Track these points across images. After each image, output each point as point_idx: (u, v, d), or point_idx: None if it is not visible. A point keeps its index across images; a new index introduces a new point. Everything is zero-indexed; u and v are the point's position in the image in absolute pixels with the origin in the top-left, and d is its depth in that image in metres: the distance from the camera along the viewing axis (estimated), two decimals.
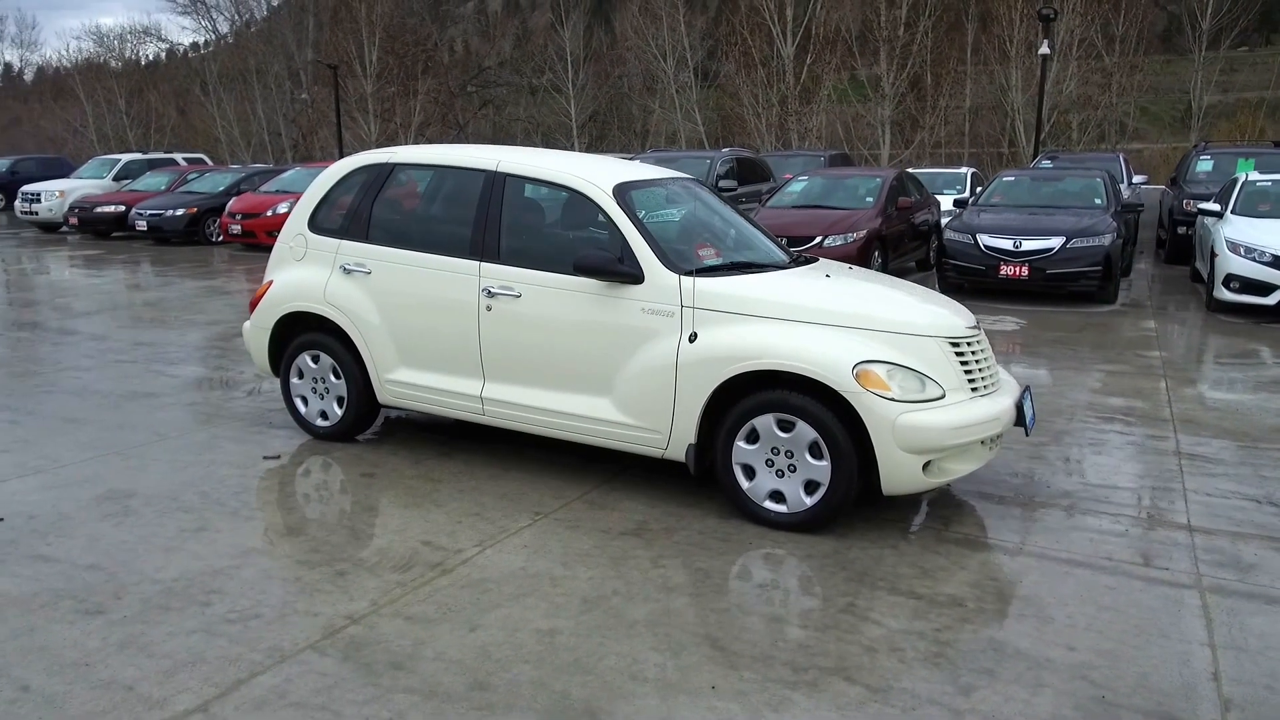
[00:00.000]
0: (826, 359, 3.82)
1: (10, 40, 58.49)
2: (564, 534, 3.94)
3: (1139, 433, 5.52)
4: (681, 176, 5.30)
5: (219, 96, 38.77)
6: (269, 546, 3.76)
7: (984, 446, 4.12)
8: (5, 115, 46.67)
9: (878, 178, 12.15)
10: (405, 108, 33.78)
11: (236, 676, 2.80)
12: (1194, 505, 4.37)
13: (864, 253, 10.74)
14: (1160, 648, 3.06)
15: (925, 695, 2.76)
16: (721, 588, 3.46)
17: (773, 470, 4.00)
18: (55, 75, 49.85)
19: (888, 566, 3.67)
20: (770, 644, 3.05)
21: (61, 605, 3.23)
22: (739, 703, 2.71)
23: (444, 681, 2.79)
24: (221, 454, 4.93)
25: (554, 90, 37.61)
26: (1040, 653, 3.02)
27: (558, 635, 3.08)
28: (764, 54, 29.71)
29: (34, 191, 18.10)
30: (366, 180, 5.05)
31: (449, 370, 4.71)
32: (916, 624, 3.20)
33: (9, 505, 4.15)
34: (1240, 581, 3.56)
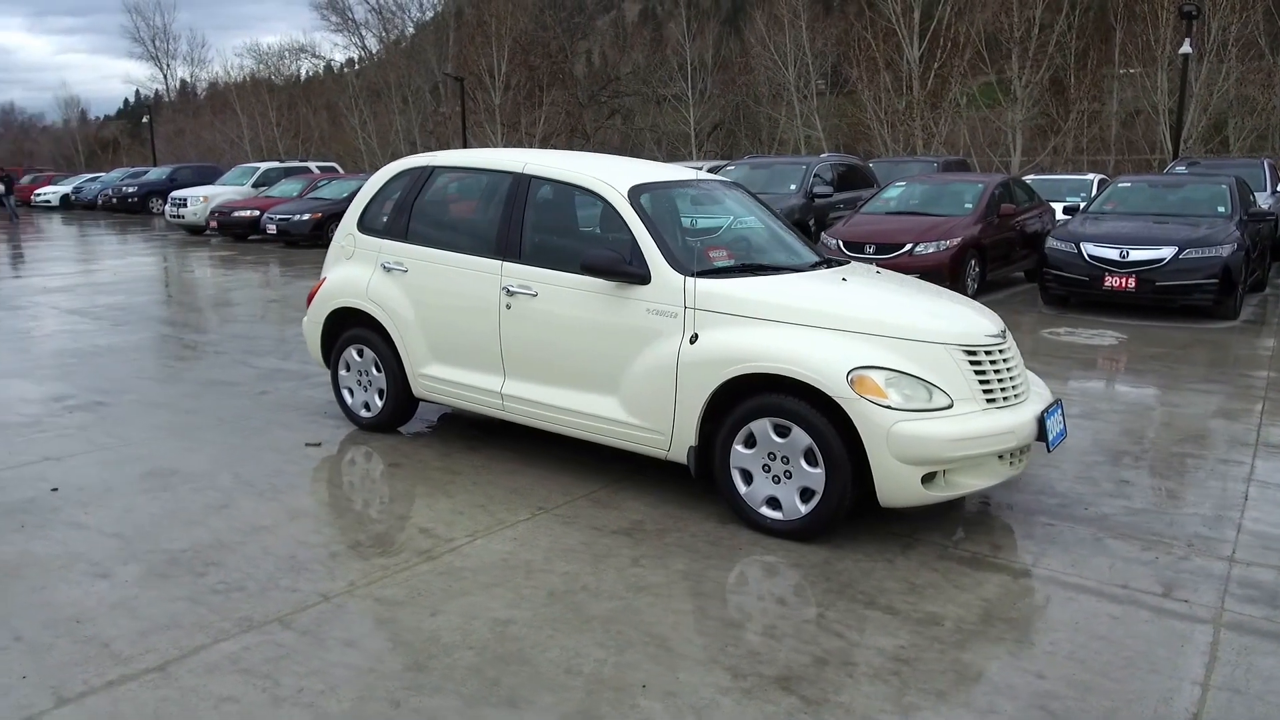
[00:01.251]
0: (821, 363, 3.72)
1: (182, 58, 63.70)
2: (557, 529, 3.99)
3: (1213, 457, 5.09)
4: (710, 178, 5.27)
5: (360, 109, 41.00)
6: (277, 526, 3.97)
7: (1002, 461, 3.91)
8: (171, 127, 51.02)
9: (980, 184, 11.65)
10: (530, 118, 34.75)
11: (201, 642, 2.98)
12: (1246, 536, 4.00)
13: (958, 261, 10.34)
14: (1144, 683, 2.83)
15: (860, 711, 2.65)
16: (692, 590, 3.42)
17: (769, 476, 3.92)
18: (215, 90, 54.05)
19: (874, 580, 3.53)
20: (720, 648, 2.99)
21: (76, 568, 3.52)
22: (663, 703, 2.68)
23: (386, 660, 2.88)
24: (269, 439, 5.23)
25: (675, 100, 37.82)
26: (1004, 679, 2.84)
27: (511, 625, 3.12)
28: (889, 58, 28.97)
29: (181, 197, 19.68)
30: (409, 183, 5.26)
31: (473, 366, 4.84)
32: (881, 640, 3.07)
33: (69, 477, 4.54)
34: (1268, 620, 3.24)
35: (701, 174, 5.38)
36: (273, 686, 2.73)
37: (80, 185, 32.90)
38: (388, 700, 2.67)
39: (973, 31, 26.93)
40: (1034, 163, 27.04)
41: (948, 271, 10.28)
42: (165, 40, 62.61)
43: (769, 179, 13.30)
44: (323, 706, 2.63)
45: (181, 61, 63.58)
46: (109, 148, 62.08)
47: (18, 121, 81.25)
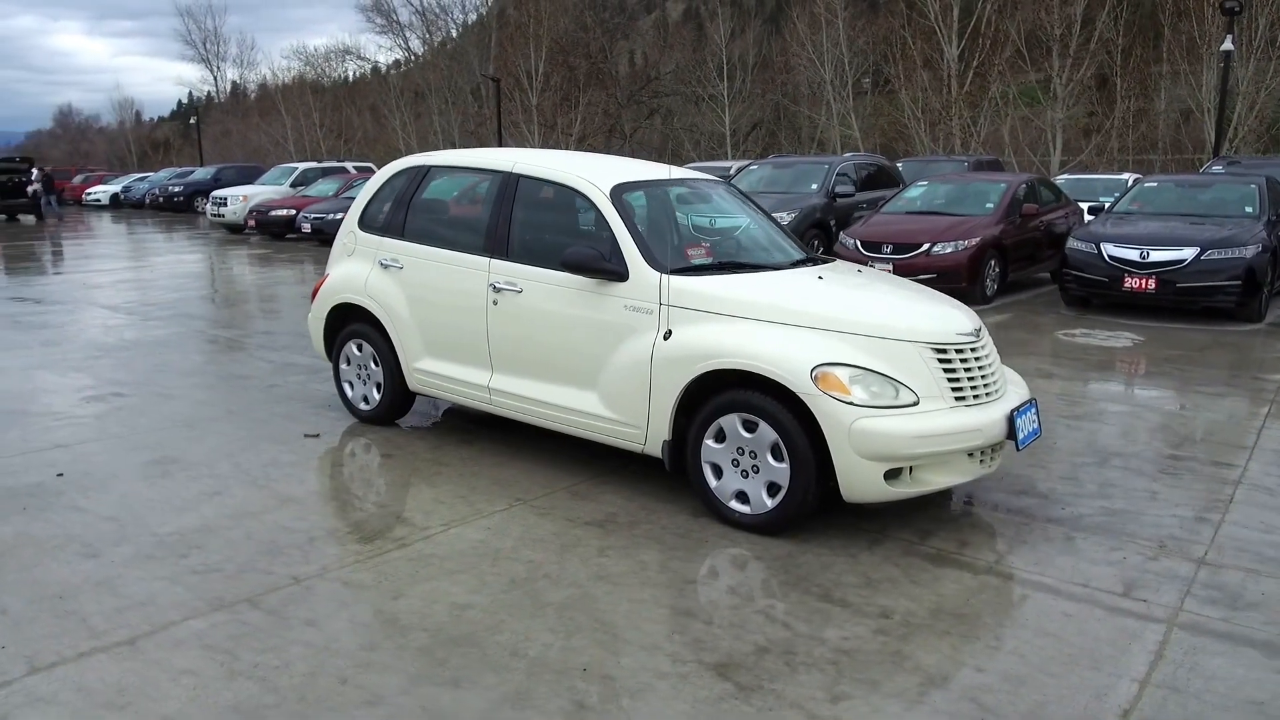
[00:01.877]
0: (786, 360, 3.77)
1: (232, 60, 65.28)
2: (531, 520, 4.09)
3: (1207, 459, 5.04)
4: (701, 178, 5.33)
5: (400, 110, 41.62)
6: (264, 512, 4.12)
7: (972, 459, 3.94)
8: (218, 128, 52.28)
9: (1002, 184, 11.54)
10: (567, 119, 35.00)
11: (172, 619, 3.13)
12: (1223, 537, 3.97)
13: (976, 262, 10.27)
14: (1081, 679, 2.85)
15: (791, 699, 2.71)
16: (651, 580, 3.50)
17: (738, 470, 3.98)
18: (262, 92, 55.26)
19: (833, 574, 3.58)
20: (666, 636, 3.07)
21: (69, 548, 3.70)
22: (601, 686, 2.76)
23: (341, 640, 3.01)
24: (271, 430, 5.41)
25: (712, 100, 37.82)
26: (941, 671, 2.88)
27: (468, 610, 3.23)
28: (928, 57, 28.67)
29: (221, 196, 20.21)
30: (406, 182, 5.41)
31: (463, 361, 4.97)
32: (827, 631, 3.12)
33: (78, 463, 4.76)
34: (1224, 621, 3.23)
35: (691, 174, 5.45)
36: (230, 661, 2.87)
37: (129, 185, 33.87)
38: (336, 677, 2.79)
39: (1012, 29, 26.53)
40: (1074, 162, 26.56)
41: (966, 272, 10.22)
42: (216, 43, 64.18)
43: (791, 178, 13.30)
44: (273, 681, 2.76)
45: (231, 64, 65.14)
46: (160, 148, 63.83)
47: (75, 122, 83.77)
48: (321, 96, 47.69)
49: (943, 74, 28.40)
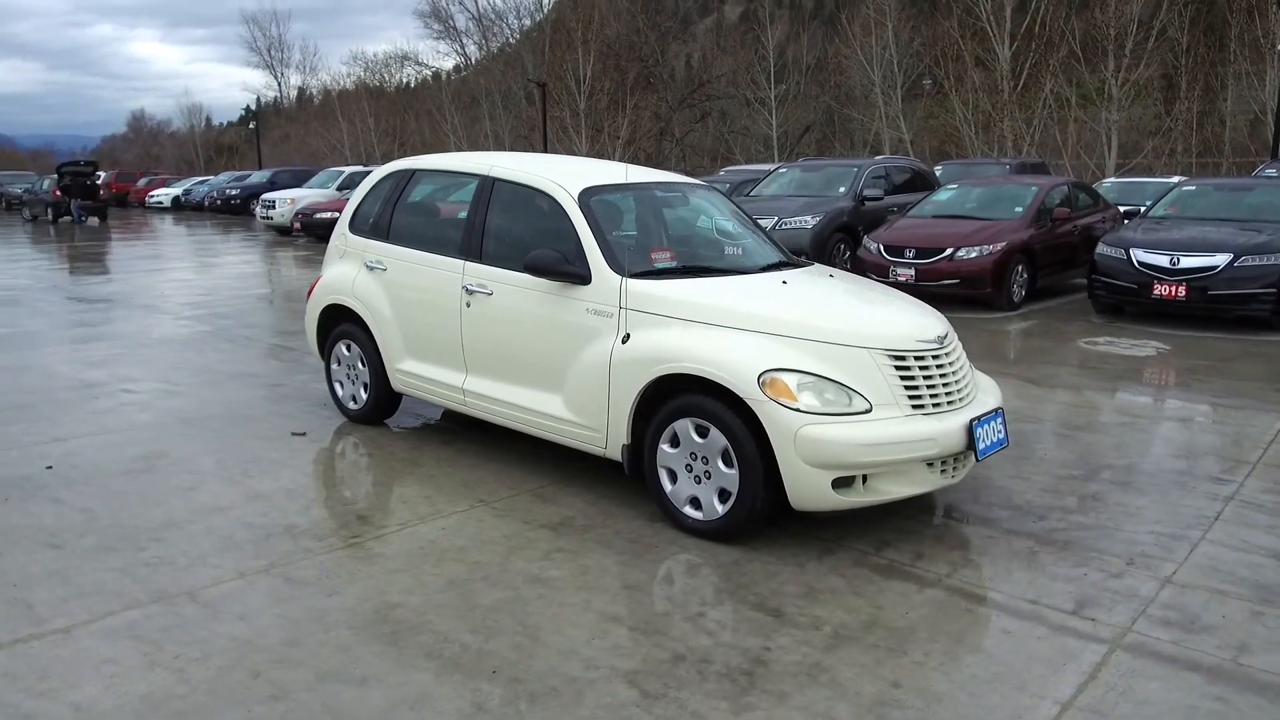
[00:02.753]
0: (735, 365, 3.74)
1: (295, 66, 67.02)
2: (489, 521, 4.11)
3: (1203, 474, 4.85)
4: (682, 181, 5.31)
5: (452, 115, 42.24)
6: (231, 508, 4.22)
7: (931, 469, 3.85)
8: (278, 133, 53.68)
9: (1033, 187, 11.25)
10: (614, 123, 35.14)
11: (112, 609, 3.22)
12: (1198, 556, 3.81)
13: (1002, 267, 10.03)
14: (1001, 698, 2.76)
15: (694, 708, 2.68)
16: (589, 585, 3.49)
17: (692, 476, 3.95)
18: (323, 97, 56.64)
19: (775, 583, 3.53)
20: (586, 641, 3.06)
21: (38, 539, 3.83)
22: (505, 689, 2.76)
23: (267, 634, 3.06)
24: (262, 428, 5.53)
25: (759, 103, 37.61)
26: (856, 685, 2.81)
27: (398, 609, 3.26)
28: (980, 58, 28.11)
29: (271, 199, 20.76)
30: (392, 186, 5.49)
31: (440, 362, 5.02)
32: (750, 640, 3.08)
33: (71, 457, 4.92)
34: (1174, 644, 3.10)
35: (675, 178, 5.43)
36: (154, 652, 2.94)
37: (190, 188, 34.96)
38: (250, 671, 2.84)
39: (1067, 29, 25.85)
40: (1129, 165, 25.76)
41: (990, 277, 9.99)
42: (280, 50, 66.01)
43: (819, 182, 13.14)
44: (189, 672, 2.82)
45: (294, 70, 66.82)
46: (225, 152, 65.74)
47: (147, 127, 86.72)
48: (378, 101, 48.61)
49: (995, 75, 27.78)
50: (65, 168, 27.35)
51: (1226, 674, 2.92)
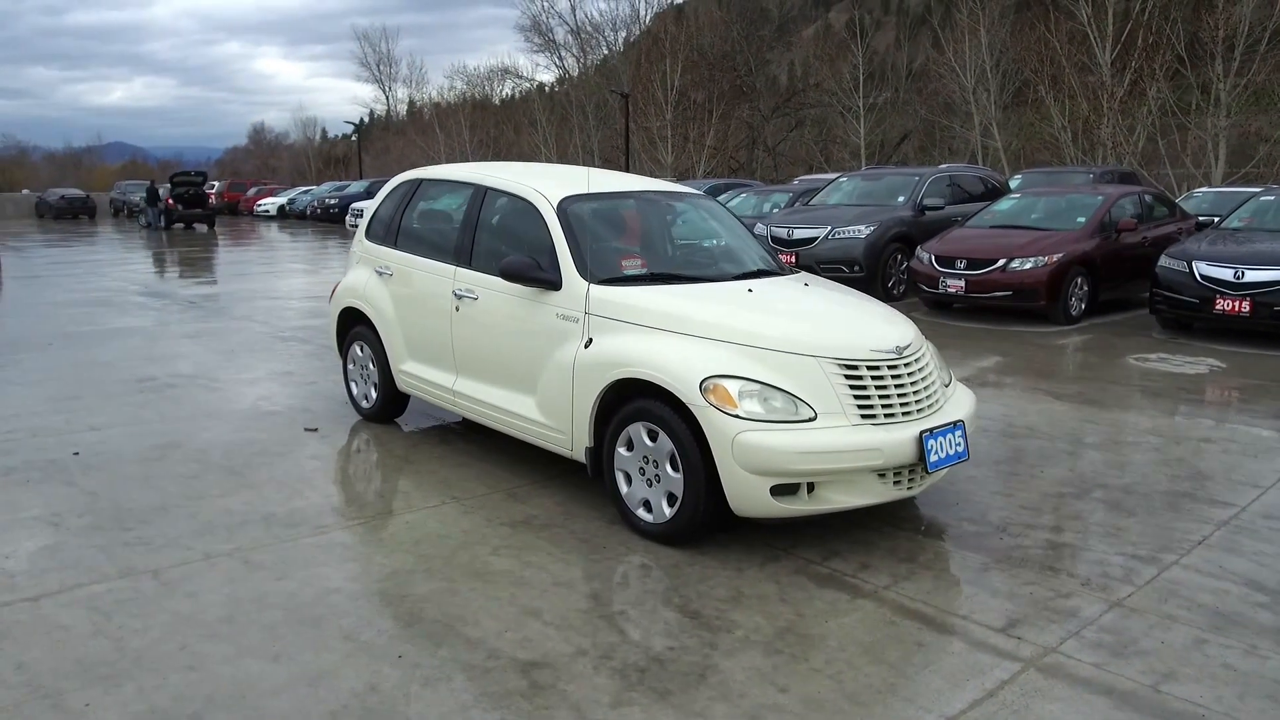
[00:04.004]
0: (680, 370, 3.79)
1: (402, 80, 69.59)
2: (453, 517, 4.27)
3: (1205, 496, 4.63)
4: (673, 189, 5.37)
5: (543, 126, 43.15)
6: (222, 496, 4.50)
7: (883, 481, 3.82)
8: (379, 145, 55.87)
9: (1099, 196, 10.81)
10: (699, 131, 35.25)
11: (80, 581, 3.50)
12: (1162, 580, 3.66)
13: (1058, 279, 9.70)
14: (884, 709, 2.74)
15: (574, 701, 2.75)
16: (524, 581, 3.59)
17: (645, 479, 4.02)
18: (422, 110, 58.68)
19: (707, 586, 3.56)
20: (497, 634, 3.17)
21: (42, 517, 4.18)
22: (403, 672, 2.90)
23: (208, 612, 3.28)
24: (280, 423, 5.85)
25: (848, 112, 37.09)
26: (743, 688, 2.83)
27: (334, 595, 3.44)
28: (1079, 62, 27.02)
29: (359, 208, 21.70)
30: (402, 195, 5.74)
31: (435, 364, 5.23)
32: (658, 640, 3.13)
33: (97, 444, 5.32)
34: (1095, 666, 3.01)
35: (671, 187, 5.50)
36: (103, 622, 3.19)
37: (294, 197, 36.76)
38: (179, 643, 3.05)
39: (1171, 33, 24.59)
40: (1238, 174, 24.29)
41: (1045, 290, 9.67)
42: (388, 64, 68.68)
43: (880, 191, 12.93)
44: (126, 642, 3.06)
45: (401, 84, 69.42)
46: (335, 164, 68.75)
47: (266, 139, 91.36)
48: (474, 113, 50.02)
49: (1094, 81, 26.64)
50: (177, 177, 29.16)
51: (1138, 700, 2.82)
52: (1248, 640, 3.19)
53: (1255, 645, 3.15)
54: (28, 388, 6.77)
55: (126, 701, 2.72)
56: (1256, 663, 3.04)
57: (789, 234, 11.98)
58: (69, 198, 38.29)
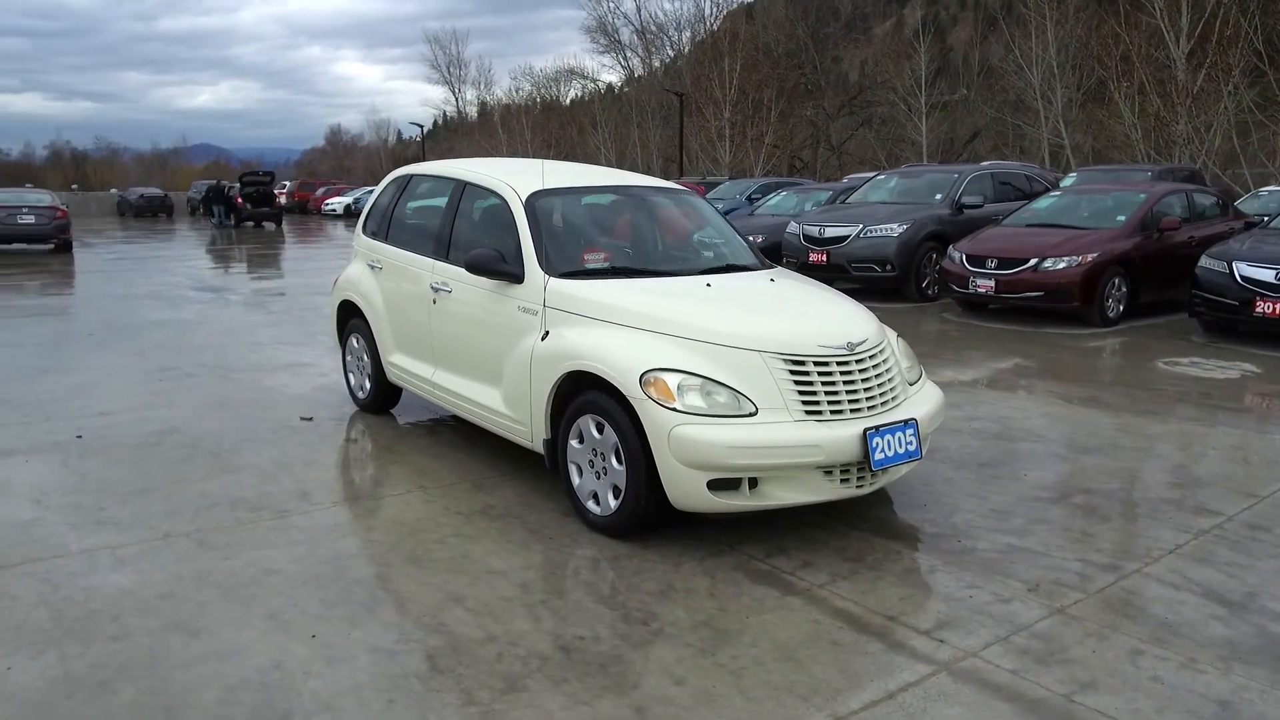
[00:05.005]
0: (622, 363, 3.80)
1: (470, 82, 70.64)
2: (412, 505, 4.35)
3: (1194, 505, 4.43)
4: (649, 185, 5.36)
5: (602, 127, 43.41)
6: (203, 480, 4.66)
7: (830, 478, 3.76)
8: (444, 145, 56.97)
9: (1142, 194, 10.41)
10: (757, 130, 35.02)
11: (41, 555, 3.68)
12: (1117, 588, 3.53)
13: (1092, 279, 9.38)
14: (775, 704, 2.70)
15: (467, 685, 2.78)
16: (459, 568, 3.64)
17: (594, 471, 4.03)
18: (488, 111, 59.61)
19: (640, 579, 3.56)
20: (416, 618, 3.22)
21: (28, 495, 4.39)
22: (311, 650, 2.97)
23: (148, 588, 3.41)
24: (281, 413, 6.02)
25: (912, 110, 36.37)
26: (638, 679, 2.83)
27: (271, 576, 3.54)
28: (1150, 58, 26.01)
29: None
30: (394, 190, 5.87)
31: (417, 355, 5.33)
32: (571, 630, 3.14)
33: (103, 430, 5.56)
34: (1012, 673, 2.92)
35: (650, 181, 5.50)
36: (50, 593, 3.35)
37: (359, 197, 37.64)
38: (112, 615, 3.19)
39: (1249, 27, 23.46)
40: None
41: (1078, 291, 9.35)
42: (458, 67, 69.76)
43: (919, 189, 12.66)
44: (64, 612, 3.20)
45: (470, 86, 70.60)
46: (405, 164, 70.10)
47: (342, 141, 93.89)
48: (536, 114, 50.59)
49: (1166, 78, 25.61)
50: (247, 177, 30.19)
51: (1045, 709, 2.72)
52: (1188, 653, 3.05)
53: (1194, 659, 3.02)
54: (57, 374, 7.11)
55: (46, 667, 2.85)
56: (1189, 677, 2.91)
57: (820, 232, 11.83)
58: (147, 196, 39.99)
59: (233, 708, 2.65)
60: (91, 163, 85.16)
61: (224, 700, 2.68)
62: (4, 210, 18.45)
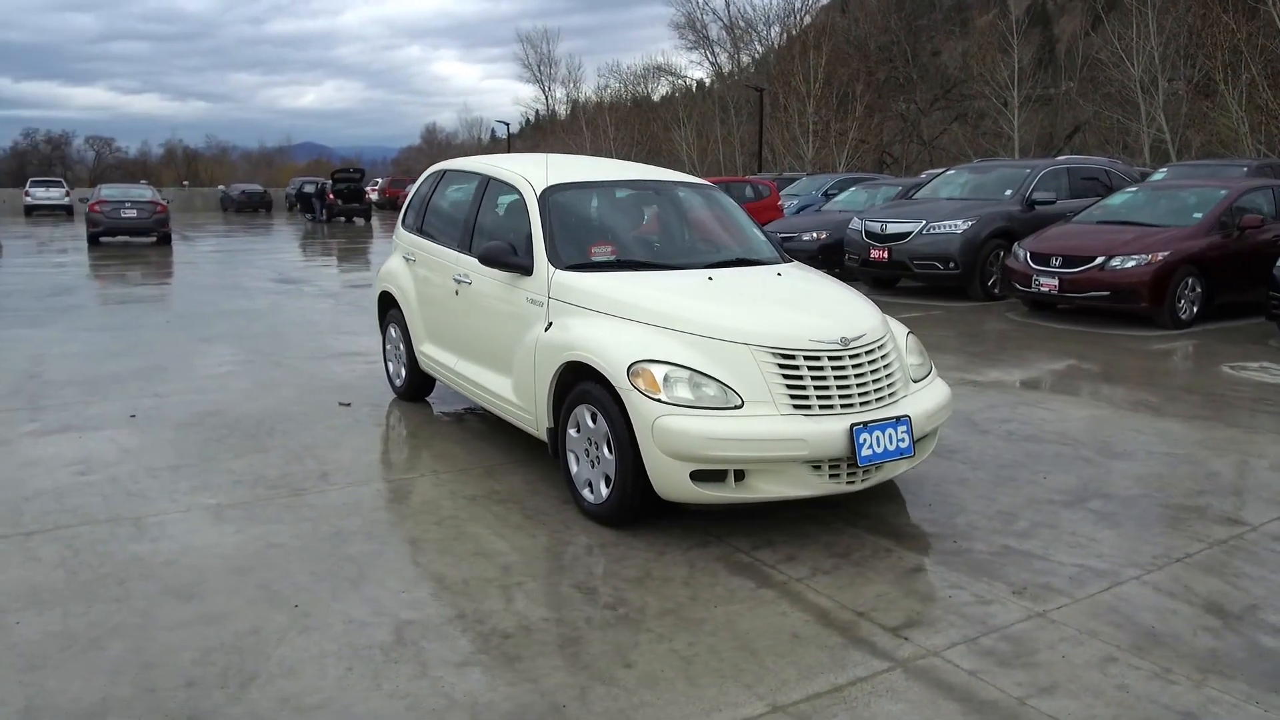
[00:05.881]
0: (612, 354, 3.86)
1: (560, 81, 71.50)
2: (421, 489, 4.51)
3: (1216, 514, 4.25)
4: (667, 180, 5.39)
5: (684, 123, 43.40)
6: (232, 458, 4.93)
7: (818, 473, 3.76)
8: (529, 144, 57.90)
9: (1222, 190, 9.89)
10: (842, 125, 34.48)
11: (69, 523, 3.96)
12: (1109, 595, 3.43)
13: (1164, 279, 8.98)
14: (718, 691, 2.73)
15: (425, 658, 2.89)
16: (449, 550, 3.77)
17: (589, 459, 4.11)
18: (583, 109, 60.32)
19: (620, 566, 3.62)
20: (393, 594, 3.35)
21: (71, 467, 4.71)
22: (288, 618, 3.13)
23: (158, 555, 3.64)
24: (322, 398, 6.29)
25: (1003, 105, 35.18)
26: (589, 660, 2.89)
27: (273, 549, 3.73)
28: (1258, 48, 24.58)
29: None
30: (430, 185, 6.06)
31: (442, 344, 5.50)
32: (537, 612, 3.22)
33: (155, 410, 5.91)
34: (970, 674, 2.87)
35: (673, 176, 5.53)
36: (70, 557, 3.61)
37: None
38: (119, 579, 3.42)
39: None
40: None
41: (1147, 291, 8.96)
42: (548, 65, 70.85)
43: (988, 184, 12.29)
44: (79, 575, 3.45)
45: (559, 84, 71.48)
46: None
47: (437, 139, 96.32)
48: (624, 111, 50.90)
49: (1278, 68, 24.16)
50: (338, 174, 31.32)
51: (994, 710, 2.67)
52: (1164, 664, 2.94)
53: (1169, 669, 2.91)
54: (127, 359, 7.58)
55: (49, 623, 3.08)
56: (1159, 687, 2.81)
57: (882, 228, 11.62)
58: (248, 192, 41.93)
59: (205, 668, 2.82)
60: (202, 160, 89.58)
61: (198, 661, 2.86)
62: (109, 204, 19.65)
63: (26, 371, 7.01)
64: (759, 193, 18.61)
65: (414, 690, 2.72)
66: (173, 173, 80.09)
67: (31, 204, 35.42)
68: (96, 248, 19.87)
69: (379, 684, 2.75)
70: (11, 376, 6.84)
